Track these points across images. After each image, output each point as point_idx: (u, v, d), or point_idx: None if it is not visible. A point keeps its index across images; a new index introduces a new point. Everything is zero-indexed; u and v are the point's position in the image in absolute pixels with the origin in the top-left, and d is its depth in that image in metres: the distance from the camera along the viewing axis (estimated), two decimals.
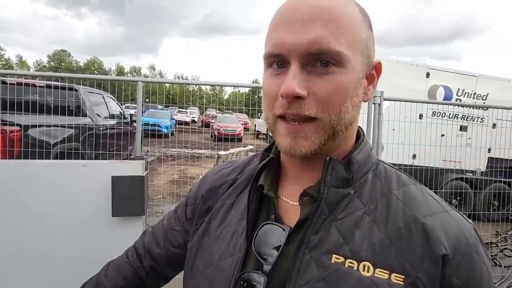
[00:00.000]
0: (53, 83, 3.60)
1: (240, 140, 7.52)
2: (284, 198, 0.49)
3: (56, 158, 3.12)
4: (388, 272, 0.38)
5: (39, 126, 3.09)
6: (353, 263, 0.40)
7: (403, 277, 0.38)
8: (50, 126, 3.13)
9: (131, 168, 0.86)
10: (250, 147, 5.17)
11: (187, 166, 5.86)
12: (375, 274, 0.39)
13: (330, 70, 0.40)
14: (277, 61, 0.42)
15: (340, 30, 0.40)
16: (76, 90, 3.80)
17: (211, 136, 8.10)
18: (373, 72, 0.46)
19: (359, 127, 0.50)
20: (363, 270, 0.39)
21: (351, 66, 0.41)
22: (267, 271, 0.42)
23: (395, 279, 0.38)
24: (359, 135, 0.49)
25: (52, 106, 3.32)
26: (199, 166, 6.29)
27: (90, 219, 0.88)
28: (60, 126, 3.30)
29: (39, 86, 3.45)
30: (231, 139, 6.35)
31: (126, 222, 0.88)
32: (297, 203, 0.46)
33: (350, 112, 0.42)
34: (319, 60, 0.40)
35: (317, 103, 0.40)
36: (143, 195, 0.87)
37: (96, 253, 0.87)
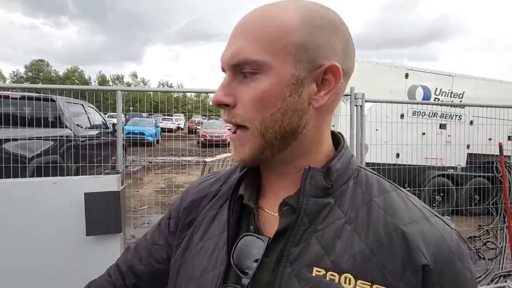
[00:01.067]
0: (29, 94, 3.46)
1: (227, 145, 7.49)
2: (264, 209, 0.48)
3: (33, 172, 2.99)
4: (369, 284, 0.38)
5: (14, 139, 2.96)
6: (334, 276, 0.39)
7: None
8: (26, 139, 3.00)
9: (105, 183, 0.82)
10: None
11: (174, 174, 5.76)
12: (357, 286, 0.38)
13: (254, 78, 0.42)
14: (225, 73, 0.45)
15: (259, 40, 0.41)
16: (53, 100, 3.67)
17: (198, 143, 8.03)
18: (328, 76, 0.42)
19: (339, 133, 0.50)
20: (345, 283, 0.38)
21: (272, 72, 0.41)
22: (246, 285, 0.41)
23: None
24: (339, 141, 0.49)
25: (28, 118, 3.19)
26: (186, 173, 6.21)
27: (62, 239, 0.83)
28: (38, 139, 3.17)
29: (13, 98, 3.31)
30: (218, 145, 6.30)
31: (102, 241, 0.84)
32: (277, 214, 0.45)
33: (281, 120, 0.42)
34: (244, 71, 0.42)
35: (242, 111, 0.42)
36: (119, 212, 0.83)
37: (70, 275, 0.82)
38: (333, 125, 4.37)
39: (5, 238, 0.83)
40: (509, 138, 5.03)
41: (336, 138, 0.50)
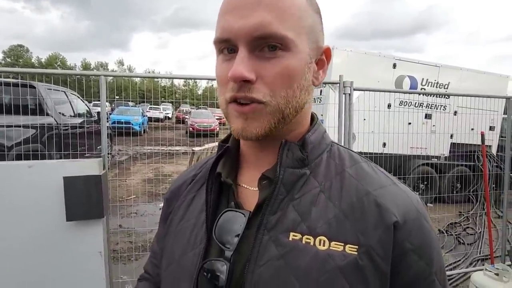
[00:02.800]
0: (7, 80, 3.30)
1: (216, 135, 7.44)
2: (244, 185, 0.49)
3: (13, 161, 2.87)
4: (342, 244, 0.40)
5: None
6: (309, 239, 0.41)
7: (357, 247, 0.40)
8: (4, 126, 2.87)
9: (86, 167, 0.78)
10: None
11: (162, 164, 5.69)
12: (331, 247, 0.40)
13: (277, 54, 0.41)
14: (227, 46, 0.42)
15: (284, 14, 0.40)
16: (33, 87, 3.52)
17: (186, 132, 7.93)
18: (323, 57, 0.47)
19: (312, 112, 0.52)
20: (319, 245, 0.40)
21: (297, 49, 0.42)
22: (229, 257, 0.42)
23: (349, 250, 0.40)
24: (313, 119, 0.51)
25: (7, 105, 3.05)
26: (174, 163, 6.14)
27: (41, 225, 0.80)
28: (17, 127, 3.04)
29: None
30: (206, 134, 6.25)
31: (83, 226, 0.81)
32: (257, 188, 0.46)
33: (298, 96, 0.43)
34: (266, 45, 0.40)
35: (265, 87, 0.41)
36: (101, 196, 0.80)
37: (51, 261, 0.80)
38: (322, 114, 4.40)
39: None
40: (490, 128, 5.19)
41: (311, 116, 0.52)
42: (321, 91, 4.58)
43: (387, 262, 0.40)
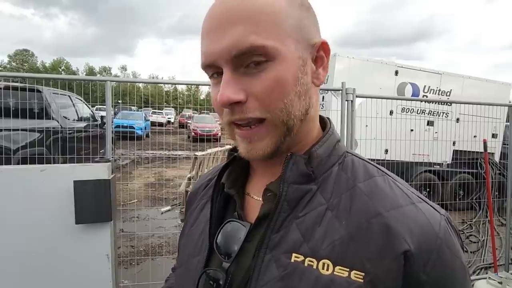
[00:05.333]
0: (14, 84, 3.34)
1: (218, 140, 7.45)
2: (251, 195, 0.49)
3: (18, 164, 2.90)
4: (348, 269, 0.37)
5: None
6: (312, 262, 0.38)
7: (363, 274, 0.36)
8: (10, 130, 2.90)
9: (95, 171, 0.80)
10: (227, 147, 5.13)
11: (164, 168, 5.70)
12: (335, 272, 0.37)
13: (263, 67, 0.38)
14: (213, 71, 0.41)
15: (259, 24, 0.38)
16: (39, 91, 3.56)
17: (188, 137, 7.96)
18: (321, 53, 0.43)
19: (327, 118, 0.49)
20: (323, 269, 0.38)
21: (282, 56, 0.39)
22: (226, 268, 0.42)
23: (355, 277, 0.36)
24: (326, 125, 0.48)
25: (13, 108, 3.08)
26: (177, 168, 6.16)
27: (51, 227, 0.81)
28: (23, 130, 3.07)
29: None
30: (209, 139, 6.26)
31: (91, 230, 0.82)
32: (261, 199, 0.45)
33: (297, 103, 0.41)
34: (249, 61, 0.38)
35: (259, 104, 0.39)
36: (110, 200, 0.82)
37: (60, 263, 0.81)
38: None
39: None
40: (493, 135, 5.19)
41: (324, 122, 0.49)
42: (323, 98, 4.60)
43: None
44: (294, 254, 0.39)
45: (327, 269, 0.38)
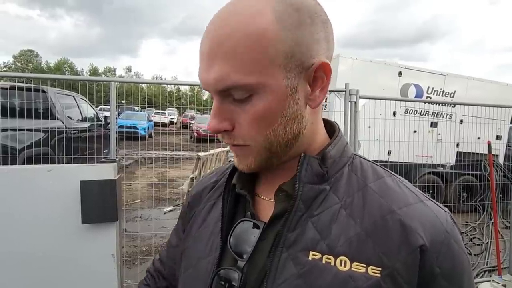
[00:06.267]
0: (19, 84, 3.38)
1: (220, 141, 7.44)
2: (261, 196, 0.49)
3: (23, 164, 2.93)
4: (365, 265, 0.38)
5: (3, 130, 2.89)
6: (330, 259, 0.40)
7: (380, 269, 0.38)
8: (15, 130, 2.93)
9: (102, 171, 0.81)
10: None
11: (166, 169, 5.72)
12: (352, 268, 0.39)
13: (247, 100, 0.39)
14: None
15: (242, 61, 0.37)
16: (44, 91, 3.60)
17: (191, 137, 7.97)
18: (320, 74, 0.42)
19: (334, 122, 0.50)
20: (340, 265, 0.39)
21: (267, 89, 0.39)
22: (241, 267, 0.42)
23: (372, 272, 0.38)
24: (334, 130, 0.49)
25: (18, 108, 3.12)
26: (179, 168, 6.18)
27: (58, 227, 0.82)
28: (28, 130, 3.10)
29: (3, 88, 3.23)
30: (212, 139, 6.28)
31: (97, 229, 0.83)
32: (273, 200, 0.46)
33: (282, 132, 0.41)
34: (234, 95, 0.39)
35: (243, 133, 0.41)
36: (116, 200, 0.83)
37: (66, 262, 0.82)
38: None
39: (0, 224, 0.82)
40: (497, 137, 5.15)
41: (330, 126, 0.50)
42: (326, 98, 4.60)
43: (412, 287, 0.38)
44: (311, 252, 0.41)
45: (345, 266, 0.39)
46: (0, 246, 0.83)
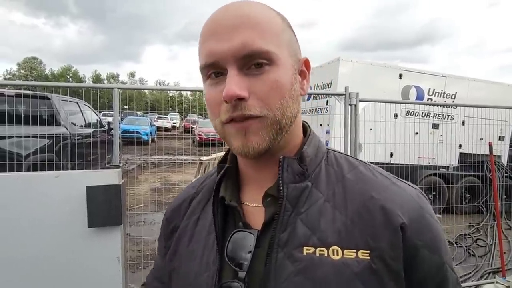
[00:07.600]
0: (24, 91, 3.44)
1: (223, 144, 7.48)
2: (248, 204, 0.50)
3: (28, 170, 2.97)
4: (355, 250, 0.41)
5: (9, 137, 2.94)
6: (323, 251, 0.42)
7: (368, 251, 0.41)
8: (21, 136, 2.98)
9: (107, 177, 0.84)
10: None
11: (169, 173, 5.76)
12: (345, 256, 0.41)
13: (264, 70, 0.42)
14: (213, 71, 0.44)
15: (264, 32, 0.43)
16: (48, 98, 3.65)
17: (193, 142, 8.01)
18: (304, 68, 0.49)
19: (304, 121, 0.53)
20: (333, 255, 0.41)
21: (281, 62, 0.43)
22: (243, 277, 0.43)
23: (362, 256, 0.41)
24: (306, 129, 0.52)
25: (23, 115, 3.18)
26: (182, 172, 6.20)
27: (64, 231, 0.85)
28: (33, 137, 3.15)
29: (8, 95, 3.28)
30: (214, 144, 6.31)
31: (102, 233, 0.86)
32: (261, 205, 0.47)
33: (291, 106, 0.45)
34: (253, 63, 0.42)
35: (259, 102, 0.42)
36: (120, 204, 0.85)
37: (72, 265, 0.85)
38: (328, 124, 4.42)
39: (8, 230, 0.85)
40: (500, 138, 5.14)
41: (303, 126, 0.52)
42: (327, 102, 4.62)
43: (399, 262, 0.41)
44: (305, 248, 0.43)
45: (337, 255, 0.42)
46: (9, 250, 0.86)
